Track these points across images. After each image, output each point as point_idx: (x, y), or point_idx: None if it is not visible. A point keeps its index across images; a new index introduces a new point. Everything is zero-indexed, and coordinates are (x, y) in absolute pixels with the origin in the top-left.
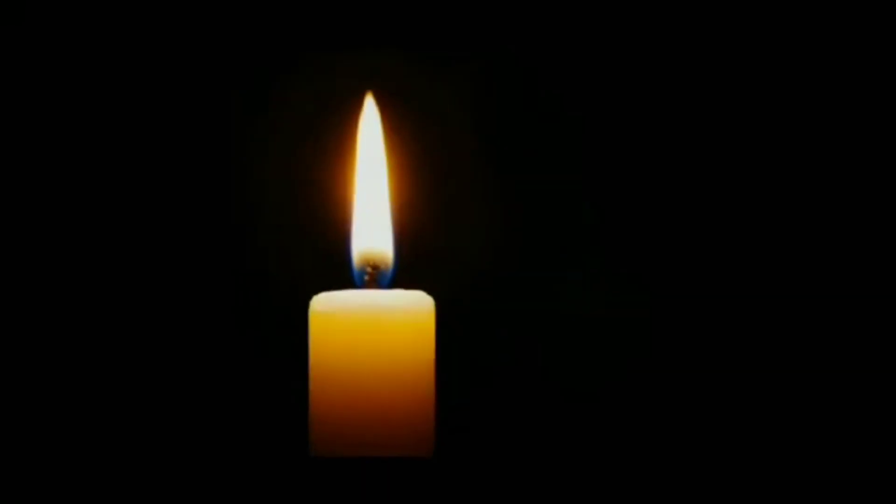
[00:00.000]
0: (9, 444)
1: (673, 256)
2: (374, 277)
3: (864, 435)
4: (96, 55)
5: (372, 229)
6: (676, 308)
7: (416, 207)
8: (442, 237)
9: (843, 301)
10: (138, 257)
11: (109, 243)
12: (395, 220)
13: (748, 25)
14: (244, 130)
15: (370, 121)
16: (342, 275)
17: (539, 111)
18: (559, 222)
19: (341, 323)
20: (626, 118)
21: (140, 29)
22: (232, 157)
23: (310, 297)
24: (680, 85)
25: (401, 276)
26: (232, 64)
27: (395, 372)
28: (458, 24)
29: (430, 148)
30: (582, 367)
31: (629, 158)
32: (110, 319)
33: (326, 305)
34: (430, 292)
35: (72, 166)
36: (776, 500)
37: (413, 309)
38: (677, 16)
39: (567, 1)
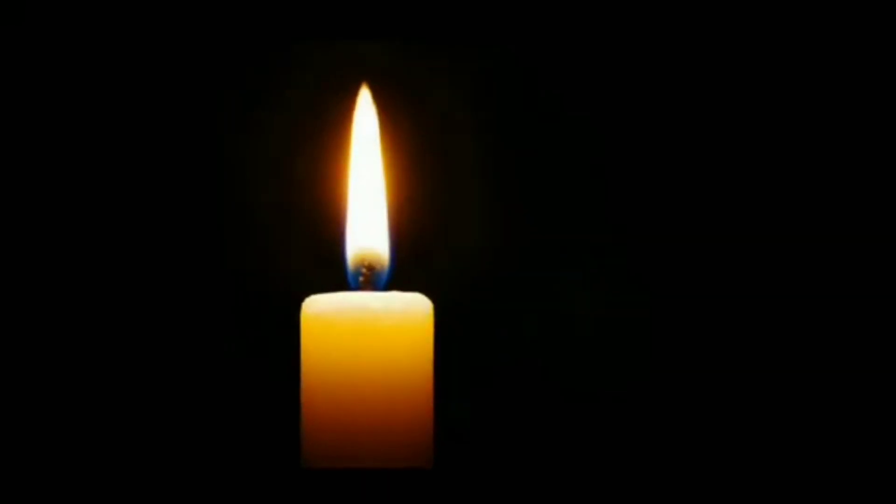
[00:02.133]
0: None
1: (673, 256)
2: (370, 279)
3: (864, 435)
4: (85, 50)
5: (367, 229)
6: (676, 308)
7: (413, 206)
8: (440, 237)
9: (843, 301)
10: (128, 257)
11: (99, 243)
12: (391, 219)
13: (749, 25)
14: (234, 127)
15: (366, 116)
16: (336, 276)
17: (539, 111)
18: (559, 222)
19: (335, 326)
20: (626, 118)
21: (128, 21)
22: (221, 154)
23: (302, 300)
24: (680, 85)
25: (397, 277)
26: (221, 57)
27: (392, 378)
28: (459, 22)
29: (427, 145)
30: (582, 367)
31: (629, 158)
32: (98, 321)
33: (319, 308)
34: (427, 294)
35: (60, 165)
36: (776, 500)
37: (410, 311)
38: (677, 15)
39: (567, 1)
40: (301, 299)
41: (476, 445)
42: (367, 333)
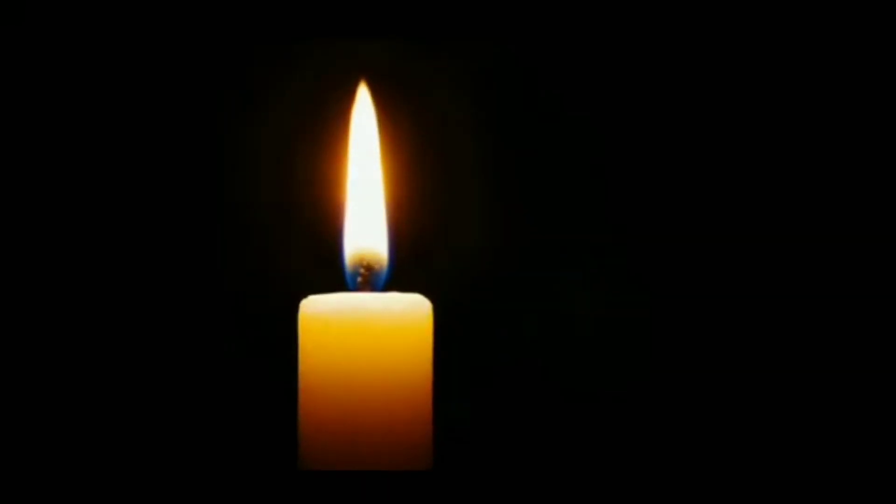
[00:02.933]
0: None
1: (673, 256)
2: (368, 279)
3: (864, 435)
4: (85, 49)
5: (366, 228)
6: (676, 308)
7: (413, 206)
8: (440, 237)
9: (843, 301)
10: (127, 257)
11: (98, 243)
12: (390, 219)
13: (749, 25)
14: (235, 126)
15: (364, 114)
16: (335, 276)
17: (539, 111)
18: (559, 222)
19: (333, 327)
20: (626, 118)
21: (128, 20)
22: (221, 154)
23: (300, 300)
24: (680, 85)
25: (396, 277)
26: (221, 57)
27: (391, 379)
28: (459, 22)
29: (427, 143)
30: (582, 367)
31: (629, 158)
32: (98, 321)
33: (317, 308)
34: (427, 294)
35: (60, 164)
36: (776, 500)
37: (409, 312)
38: (677, 15)
39: (567, 1)
40: (300, 299)
41: (476, 445)
42: (366, 334)
